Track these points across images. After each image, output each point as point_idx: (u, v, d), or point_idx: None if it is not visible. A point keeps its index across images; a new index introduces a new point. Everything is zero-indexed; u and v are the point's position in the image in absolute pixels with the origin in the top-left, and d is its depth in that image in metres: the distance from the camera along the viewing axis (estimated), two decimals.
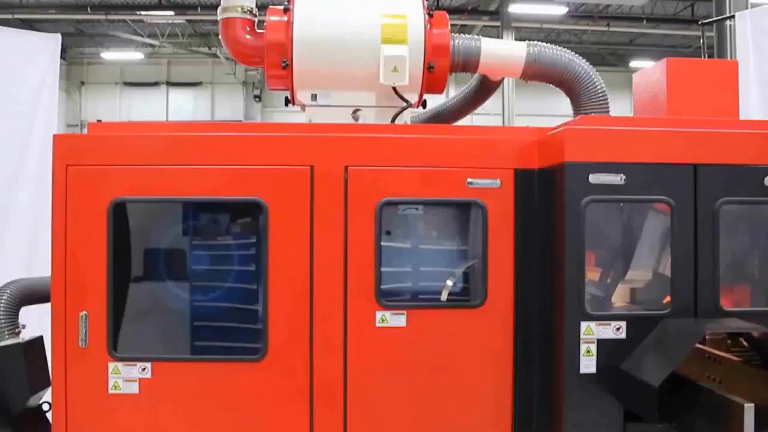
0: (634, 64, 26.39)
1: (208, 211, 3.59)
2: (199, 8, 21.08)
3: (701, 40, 8.17)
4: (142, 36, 24.85)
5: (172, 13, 22.10)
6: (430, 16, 3.74)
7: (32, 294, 3.84)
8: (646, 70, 3.91)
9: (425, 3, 3.79)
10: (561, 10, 20.55)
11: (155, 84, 28.14)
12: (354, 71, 3.65)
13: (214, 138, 3.36)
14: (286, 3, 3.73)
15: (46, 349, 3.77)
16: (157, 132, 3.41)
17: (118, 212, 3.31)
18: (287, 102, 3.87)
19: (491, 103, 4.75)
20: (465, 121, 4.53)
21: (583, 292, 3.14)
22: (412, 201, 3.42)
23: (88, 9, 21.08)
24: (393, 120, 3.69)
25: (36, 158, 6.52)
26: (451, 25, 3.84)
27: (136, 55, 26.84)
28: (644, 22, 22.18)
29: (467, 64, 3.86)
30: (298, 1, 3.72)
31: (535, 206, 3.39)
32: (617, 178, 3.18)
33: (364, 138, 3.39)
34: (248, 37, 3.82)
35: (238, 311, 3.50)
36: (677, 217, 3.21)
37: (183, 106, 28.03)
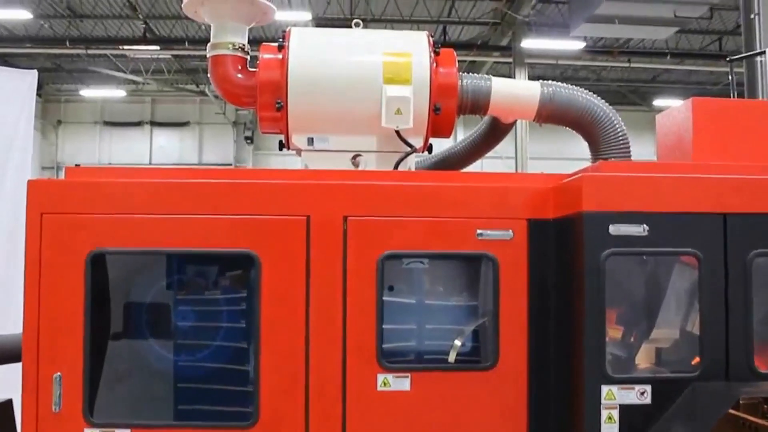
0: (657, 102, 26.66)
1: (194, 264, 3.61)
2: (186, 43, 21.39)
3: (730, 77, 8.28)
4: (125, 72, 25.18)
5: (157, 47, 22.42)
6: (436, 53, 3.81)
7: (1, 353, 3.84)
8: (671, 110, 3.97)
9: (431, 39, 3.87)
10: (578, 45, 20.83)
11: (138, 124, 28.41)
12: (354, 113, 3.71)
13: (202, 185, 3.40)
14: (280, 40, 3.81)
15: (16, 414, 3.75)
16: (140, 178, 3.45)
17: (97, 264, 3.33)
18: (281, 146, 3.92)
19: (503, 146, 4.81)
20: (475, 167, 4.59)
21: (603, 352, 3.14)
22: (416, 254, 3.45)
23: (67, 43, 21.40)
24: (396, 166, 3.73)
25: (9, 206, 6.55)
26: (459, 61, 3.92)
27: (118, 93, 27.16)
28: (668, 57, 22.44)
29: (476, 105, 3.93)
30: (293, 38, 3.81)
31: (550, 259, 3.41)
32: (640, 229, 3.21)
33: (365, 186, 3.43)
34: (239, 76, 3.90)
35: (226, 372, 3.50)
36: (706, 271, 3.22)
37: (168, 148, 28.25)
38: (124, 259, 3.47)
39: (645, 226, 3.21)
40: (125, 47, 22.73)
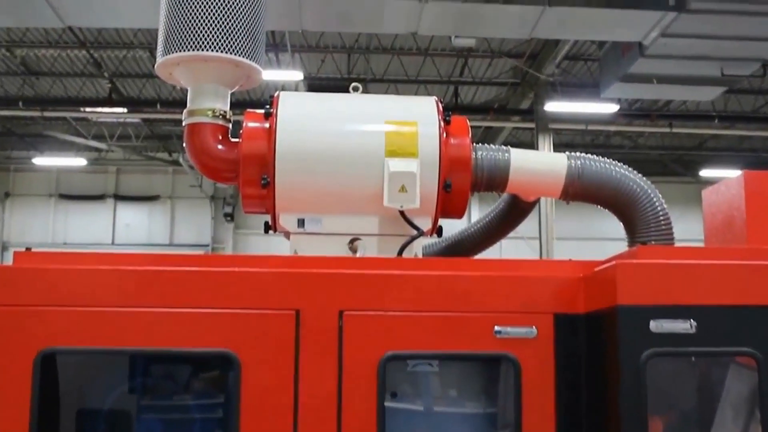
0: (704, 173, 26.90)
1: (163, 365, 3.60)
2: (158, 105, 21.72)
3: None
4: (86, 138, 25.50)
5: (124, 110, 22.78)
6: (447, 122, 3.88)
7: None
8: (719, 185, 4.01)
9: (440, 106, 3.93)
10: (610, 108, 21.12)
11: (100, 197, 28.63)
12: (352, 191, 3.76)
13: (173, 274, 3.42)
14: (267, 107, 3.87)
15: None
16: (101, 264, 3.47)
17: (47, 365, 3.31)
18: (267, 228, 3.96)
19: (525, 225, 4.85)
20: (492, 252, 4.61)
21: None
22: (424, 355, 3.44)
23: (20, 103, 21.71)
24: (400, 252, 3.76)
25: None
26: (474, 127, 3.99)
27: (77, 161, 27.44)
28: (715, 121, 22.72)
29: (493, 181, 3.97)
30: (282, 104, 3.88)
31: (581, 361, 3.41)
32: (686, 326, 3.21)
33: (364, 275, 3.44)
34: (220, 147, 3.95)
35: None
36: (767, 374, 3.21)
37: (134, 226, 28.40)
38: (80, 359, 3.46)
39: (692, 321, 3.21)
40: (87, 109, 23.11)
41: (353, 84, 4.09)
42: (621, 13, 14.34)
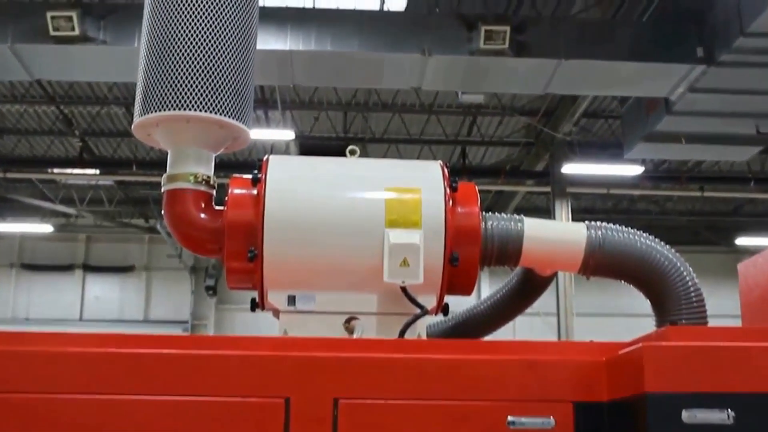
0: (740, 241, 26.97)
1: None
2: (134, 166, 21.84)
3: None
4: (53, 201, 25.60)
5: (96, 171, 22.90)
6: (453, 189, 3.90)
7: None
8: (757, 257, 4.01)
9: (446, 171, 3.95)
10: (635, 170, 21.25)
11: (68, 268, 28.63)
12: (348, 265, 3.76)
13: (149, 357, 3.40)
14: (255, 172, 3.90)
15: None
16: (68, 346, 3.44)
17: None
18: (254, 306, 3.95)
19: (542, 300, 4.84)
20: (505, 331, 4.60)
21: None
22: None
23: None
24: (402, 333, 3.75)
25: None
26: (483, 191, 4.01)
27: (43, 228, 27.51)
28: (751, 183, 22.81)
29: (505, 254, 3.98)
30: (272, 168, 3.90)
31: None
32: (723, 416, 3.19)
33: (362, 359, 3.43)
34: (202, 216, 3.96)
35: None
36: None
37: (105, 300, 28.40)
38: None
39: (730, 411, 3.19)
40: (56, 170, 23.22)
41: (350, 147, 4.11)
42: (645, 66, 14.50)
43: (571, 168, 20.90)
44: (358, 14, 15.07)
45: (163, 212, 4.04)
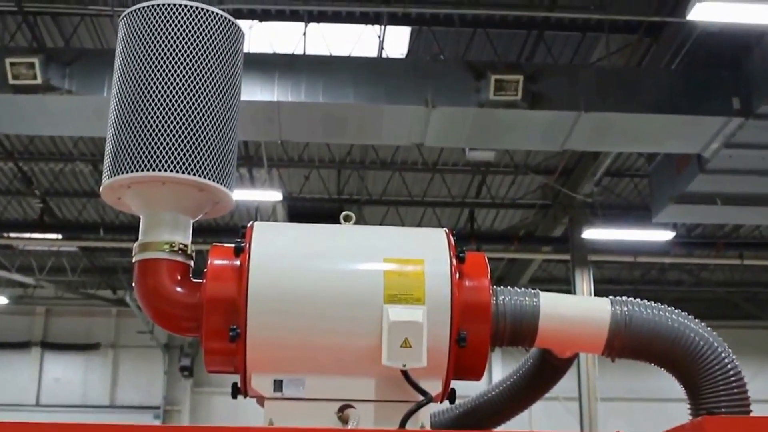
0: None
1: None
2: (101, 230, 21.88)
3: None
4: (9, 270, 25.58)
5: (58, 236, 22.92)
6: (460, 260, 3.90)
7: None
8: None
9: (452, 239, 3.96)
10: (664, 236, 21.26)
11: (24, 345, 28.52)
12: (342, 346, 3.75)
13: None
14: (238, 240, 3.90)
15: None
16: None
17: None
18: (236, 392, 3.93)
19: (561, 382, 4.82)
20: (519, 421, 4.58)
21: None
22: None
23: None
24: (403, 423, 3.72)
25: None
26: (494, 260, 4.03)
27: None
28: None
29: (519, 333, 3.97)
30: (257, 237, 3.90)
31: None
32: None
33: None
34: (179, 289, 3.94)
35: None
36: None
37: (66, 382, 28.27)
38: None
39: None
40: (12, 234, 23.23)
41: (344, 213, 4.11)
42: (674, 119, 14.53)
43: (592, 233, 20.89)
44: (354, 61, 15.17)
45: (133, 284, 4.03)
